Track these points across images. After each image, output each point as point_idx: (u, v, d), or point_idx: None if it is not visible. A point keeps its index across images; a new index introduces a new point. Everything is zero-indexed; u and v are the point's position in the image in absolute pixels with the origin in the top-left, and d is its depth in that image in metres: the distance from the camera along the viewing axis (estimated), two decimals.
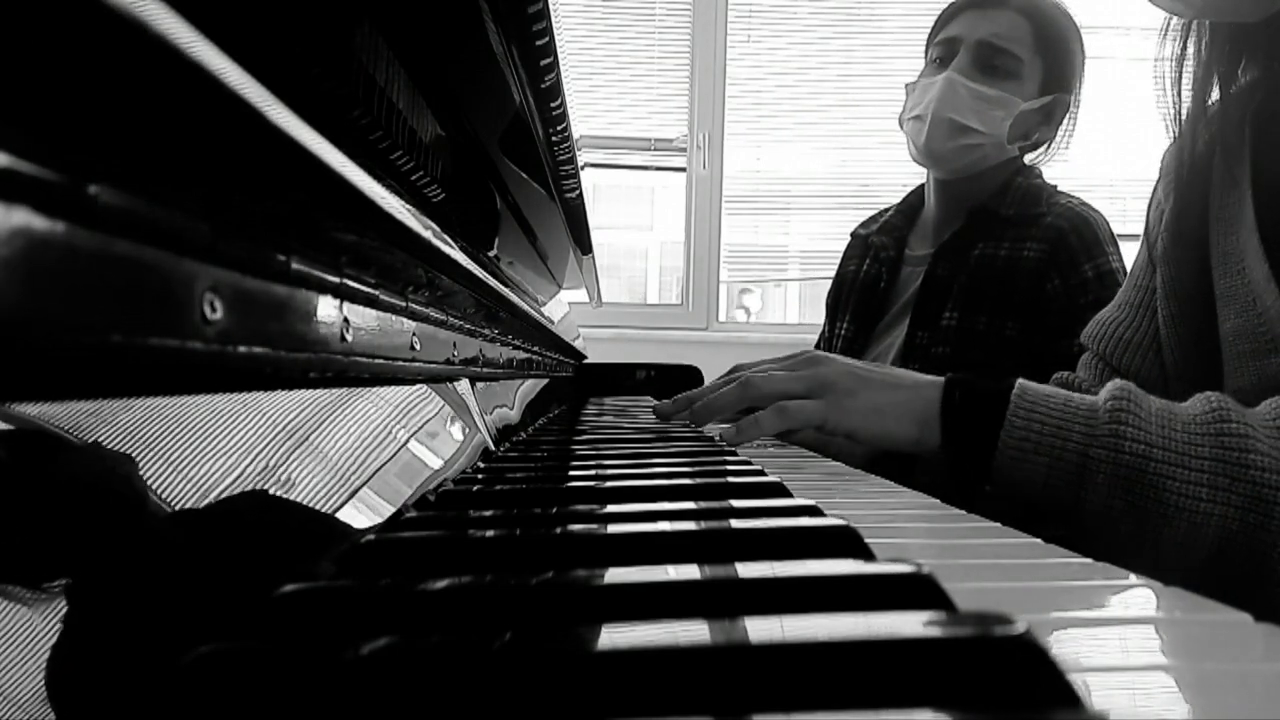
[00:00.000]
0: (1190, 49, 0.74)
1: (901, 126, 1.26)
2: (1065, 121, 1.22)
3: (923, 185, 1.31)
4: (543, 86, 0.50)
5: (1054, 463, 0.57)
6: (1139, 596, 0.26)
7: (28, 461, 0.17)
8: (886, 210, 1.37)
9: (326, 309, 0.30)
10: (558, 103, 0.53)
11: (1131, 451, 0.55)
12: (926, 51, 1.26)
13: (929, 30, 1.26)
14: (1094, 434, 0.56)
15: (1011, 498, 0.61)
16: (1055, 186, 1.22)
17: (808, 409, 0.66)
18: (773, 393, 0.68)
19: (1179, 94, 0.75)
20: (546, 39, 0.44)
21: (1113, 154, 2.45)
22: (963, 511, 0.43)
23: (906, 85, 1.26)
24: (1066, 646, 0.20)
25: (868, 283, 1.31)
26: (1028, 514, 0.68)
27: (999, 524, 0.39)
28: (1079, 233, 1.13)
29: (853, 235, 1.41)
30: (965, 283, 1.16)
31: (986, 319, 1.14)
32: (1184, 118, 0.75)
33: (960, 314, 1.15)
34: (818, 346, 1.45)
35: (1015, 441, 0.58)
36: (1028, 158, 1.24)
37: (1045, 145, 1.23)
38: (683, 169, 2.53)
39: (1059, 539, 0.36)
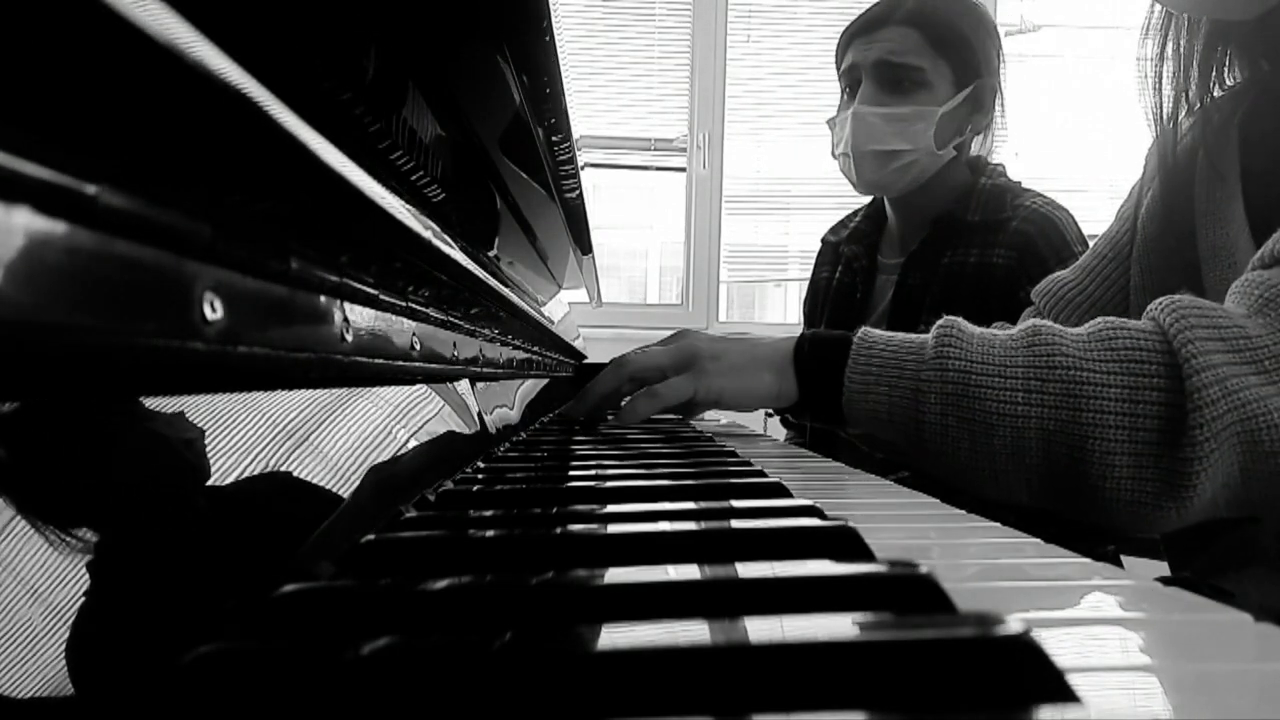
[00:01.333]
0: (1169, 47, 0.75)
1: (835, 159, 1.24)
2: (996, 102, 1.19)
3: None
4: (543, 87, 0.50)
5: (892, 392, 0.64)
6: (1138, 596, 0.26)
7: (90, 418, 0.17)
8: (855, 214, 1.35)
9: (327, 309, 0.30)
10: (558, 103, 0.53)
11: (955, 369, 0.61)
12: (840, 82, 1.23)
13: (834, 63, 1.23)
14: (923, 361, 0.63)
15: (871, 439, 0.68)
16: (1020, 184, 1.20)
17: (676, 384, 0.72)
18: (643, 367, 0.75)
19: (1159, 91, 0.76)
20: (546, 39, 0.44)
21: (1113, 154, 2.46)
22: (963, 511, 0.43)
23: (828, 122, 1.23)
24: (1065, 646, 0.20)
25: (843, 292, 1.30)
26: (881, 450, 0.73)
27: (999, 524, 0.39)
28: (1046, 236, 1.12)
29: (823, 241, 1.40)
30: (938, 293, 1.15)
31: None
32: (1165, 114, 0.76)
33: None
34: None
35: (859, 377, 0.65)
36: (974, 147, 1.22)
37: (983, 132, 1.21)
38: (683, 169, 2.53)
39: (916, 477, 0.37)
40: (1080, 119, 2.46)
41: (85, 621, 0.17)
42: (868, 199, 1.35)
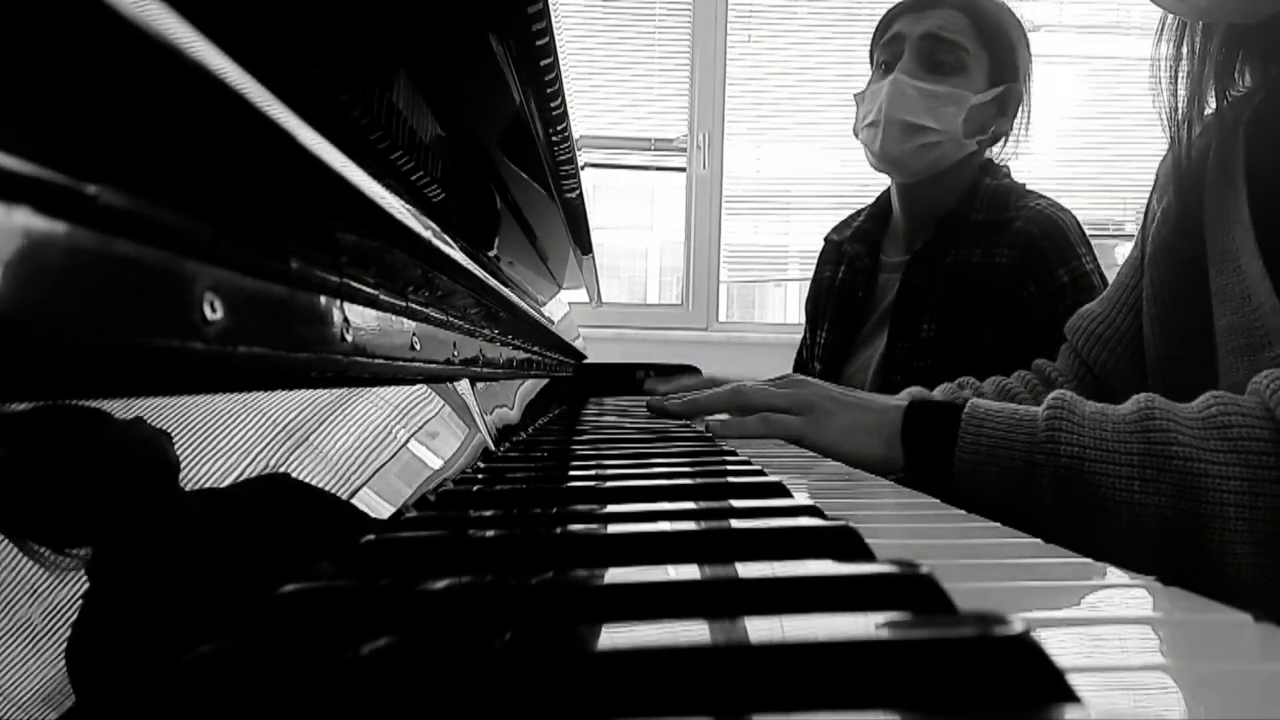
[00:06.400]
0: (1185, 50, 0.75)
1: (857, 136, 1.25)
2: (1019, 112, 1.21)
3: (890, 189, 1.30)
4: (543, 87, 0.50)
5: (1003, 470, 0.63)
6: (1138, 596, 0.26)
7: (67, 429, 0.17)
8: (858, 214, 1.36)
9: (326, 309, 0.30)
10: (558, 103, 0.53)
11: (1068, 454, 0.60)
12: (871, 59, 1.26)
13: (870, 40, 1.26)
14: (1035, 441, 0.61)
15: (975, 505, 0.66)
16: (1023, 186, 1.22)
17: (788, 422, 0.74)
18: (760, 404, 0.77)
19: (1175, 94, 0.76)
20: (546, 39, 0.44)
21: (1111, 154, 2.46)
22: (963, 511, 0.42)
23: (855, 95, 1.25)
24: (1066, 646, 0.20)
25: (845, 292, 1.30)
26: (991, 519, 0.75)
27: (999, 524, 0.39)
28: (1050, 237, 1.12)
29: (825, 240, 1.40)
30: (941, 292, 1.16)
31: (965, 329, 1.13)
32: (1180, 117, 0.76)
33: (939, 325, 1.15)
34: (799, 353, 1.45)
35: (967, 455, 0.64)
36: (989, 153, 1.24)
37: (1003, 139, 1.22)
38: (683, 169, 2.53)
39: None
40: (1079, 121, 2.46)
41: (85, 622, 0.17)
42: (870, 199, 1.36)
